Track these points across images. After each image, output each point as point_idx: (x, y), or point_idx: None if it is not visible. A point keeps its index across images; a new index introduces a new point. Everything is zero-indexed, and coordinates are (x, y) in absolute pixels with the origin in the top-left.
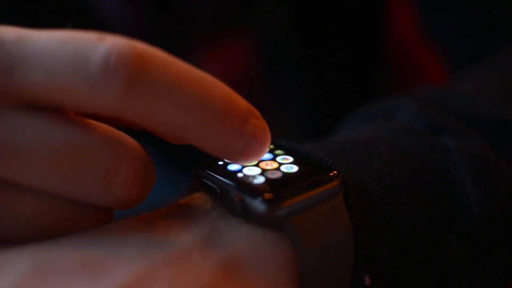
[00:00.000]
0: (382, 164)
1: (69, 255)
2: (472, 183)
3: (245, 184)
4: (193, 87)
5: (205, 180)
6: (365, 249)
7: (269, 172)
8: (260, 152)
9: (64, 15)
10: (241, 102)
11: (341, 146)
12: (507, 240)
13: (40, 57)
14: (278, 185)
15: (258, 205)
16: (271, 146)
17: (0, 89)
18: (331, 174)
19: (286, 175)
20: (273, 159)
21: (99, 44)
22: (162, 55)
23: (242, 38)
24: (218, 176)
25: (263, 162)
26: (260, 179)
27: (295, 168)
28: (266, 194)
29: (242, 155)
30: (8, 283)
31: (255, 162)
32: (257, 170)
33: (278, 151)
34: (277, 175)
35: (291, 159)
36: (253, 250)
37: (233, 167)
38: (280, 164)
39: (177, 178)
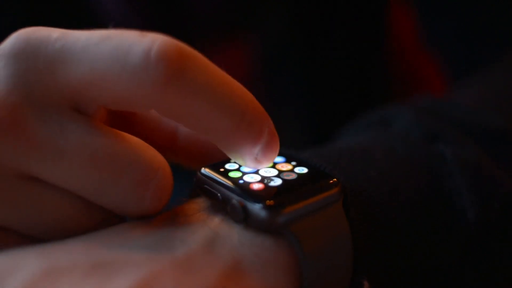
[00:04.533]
0: (379, 171)
1: (77, 257)
2: (467, 190)
3: (246, 191)
4: (229, 91)
5: (207, 186)
6: (363, 254)
7: (269, 178)
8: (272, 157)
9: (64, 15)
10: (262, 109)
11: (338, 153)
12: (503, 246)
13: (82, 51)
14: (279, 192)
15: (259, 211)
16: None
17: (47, 88)
18: (331, 181)
19: (286, 181)
20: (273, 166)
21: (141, 39)
22: (201, 56)
23: (242, 41)
24: (220, 182)
25: (263, 169)
26: (261, 186)
27: (295, 175)
28: (267, 200)
29: (257, 160)
30: (17, 286)
31: (256, 169)
32: (258, 177)
33: (277, 158)
34: (278, 181)
35: (290, 166)
36: (254, 255)
37: (234, 174)
38: (280, 171)
39: (179, 182)
